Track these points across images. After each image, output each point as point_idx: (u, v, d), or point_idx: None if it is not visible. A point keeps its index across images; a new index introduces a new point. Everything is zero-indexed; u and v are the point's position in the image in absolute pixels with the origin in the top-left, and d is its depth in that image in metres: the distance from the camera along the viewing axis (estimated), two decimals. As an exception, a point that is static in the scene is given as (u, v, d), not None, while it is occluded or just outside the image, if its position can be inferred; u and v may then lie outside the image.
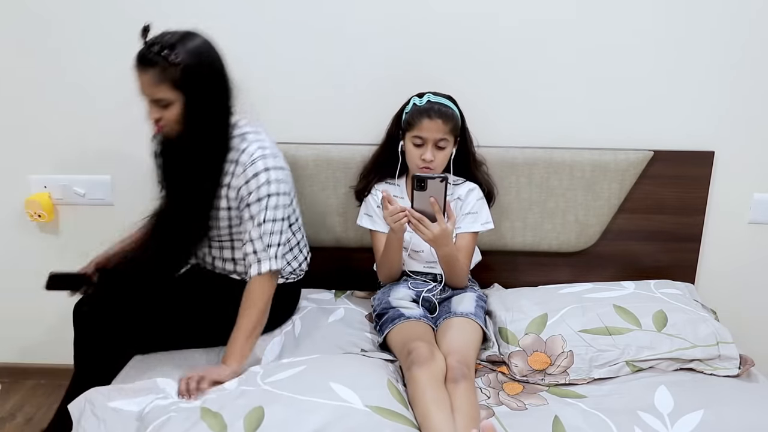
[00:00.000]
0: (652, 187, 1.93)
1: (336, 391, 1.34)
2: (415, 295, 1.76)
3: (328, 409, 1.29)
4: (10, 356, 2.25)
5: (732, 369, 1.56)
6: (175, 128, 1.52)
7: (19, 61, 1.93)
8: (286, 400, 1.31)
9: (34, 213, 2.03)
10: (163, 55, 1.45)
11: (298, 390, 1.35)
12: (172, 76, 1.45)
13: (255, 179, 1.54)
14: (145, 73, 1.47)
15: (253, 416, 1.27)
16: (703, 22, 1.83)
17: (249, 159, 1.55)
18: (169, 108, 1.49)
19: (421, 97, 1.70)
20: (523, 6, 1.83)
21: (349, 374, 1.42)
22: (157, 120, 1.51)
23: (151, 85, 1.47)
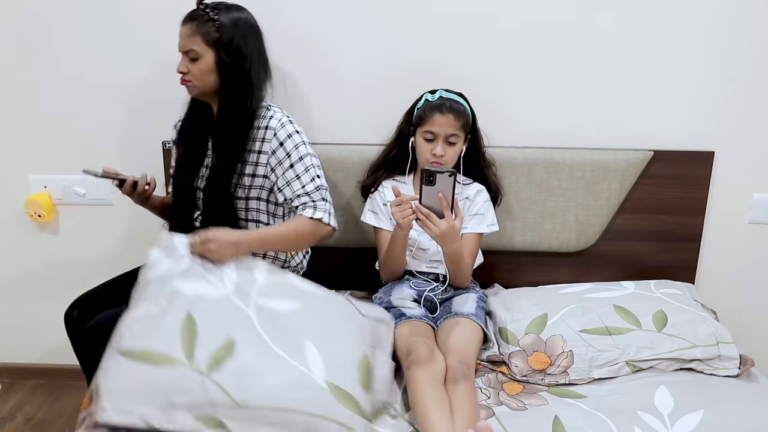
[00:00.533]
0: (652, 187, 1.93)
1: (306, 353, 1.35)
2: (416, 294, 1.76)
3: (289, 373, 1.31)
4: (10, 356, 2.25)
5: (732, 369, 1.56)
6: (198, 85, 1.60)
7: (19, 61, 1.93)
8: (258, 343, 1.34)
9: (34, 213, 2.03)
10: (205, 11, 1.57)
11: (274, 335, 1.37)
12: (207, 30, 1.56)
13: (290, 140, 1.62)
14: (185, 26, 1.57)
15: (222, 350, 1.31)
16: (703, 22, 1.83)
17: (278, 123, 1.62)
18: (197, 63, 1.57)
19: (434, 93, 1.71)
20: (523, 6, 1.83)
21: (330, 335, 1.43)
22: (183, 73, 1.59)
23: (187, 36, 1.57)
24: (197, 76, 1.59)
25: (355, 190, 1.92)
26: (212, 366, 1.28)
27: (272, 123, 1.62)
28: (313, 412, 1.27)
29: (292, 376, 1.30)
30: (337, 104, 1.93)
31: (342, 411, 1.29)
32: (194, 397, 1.25)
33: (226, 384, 1.26)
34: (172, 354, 1.29)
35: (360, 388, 1.35)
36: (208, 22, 1.56)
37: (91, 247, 2.10)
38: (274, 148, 1.62)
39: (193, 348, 1.30)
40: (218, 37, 1.57)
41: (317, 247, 1.99)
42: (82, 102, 1.96)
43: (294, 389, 1.29)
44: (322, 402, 1.29)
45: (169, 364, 1.27)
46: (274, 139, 1.61)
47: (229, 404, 1.25)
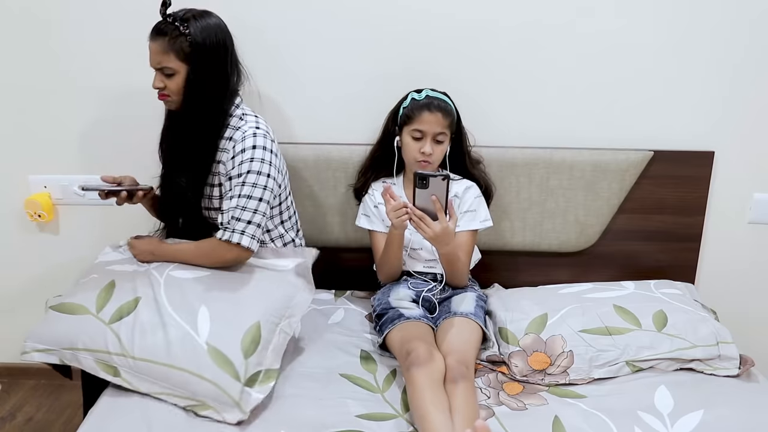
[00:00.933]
0: (652, 187, 1.93)
1: (198, 316, 1.45)
2: (415, 295, 1.76)
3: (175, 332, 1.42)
4: (10, 356, 2.25)
5: (732, 369, 1.56)
6: (176, 99, 1.58)
7: (19, 61, 1.93)
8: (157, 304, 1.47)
9: (34, 213, 2.03)
10: (174, 26, 1.52)
11: (174, 298, 1.49)
12: (179, 46, 1.53)
13: (240, 155, 1.58)
14: (155, 42, 1.54)
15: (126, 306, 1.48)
16: (704, 22, 1.83)
17: (242, 135, 1.59)
18: (173, 78, 1.55)
19: (420, 92, 1.71)
20: (523, 7, 1.83)
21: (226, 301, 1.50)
22: (160, 89, 1.57)
23: (159, 53, 1.54)
24: (175, 91, 1.57)
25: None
26: (114, 318, 1.46)
27: (237, 135, 1.60)
28: (190, 370, 1.38)
29: (176, 335, 1.42)
30: (337, 104, 1.93)
31: (218, 373, 1.37)
32: (95, 343, 1.43)
33: (122, 334, 1.43)
34: (86, 305, 1.50)
35: (240, 353, 1.41)
36: (180, 37, 1.52)
37: (91, 247, 2.10)
38: (227, 159, 1.60)
39: (106, 303, 1.49)
40: (192, 53, 1.53)
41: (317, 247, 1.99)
42: (82, 102, 1.96)
43: (175, 346, 1.40)
44: (199, 361, 1.39)
45: (81, 313, 1.48)
46: (231, 151, 1.59)
47: (121, 352, 1.41)
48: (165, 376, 1.39)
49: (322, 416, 1.39)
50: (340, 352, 1.64)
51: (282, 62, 1.90)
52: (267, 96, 1.92)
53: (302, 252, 1.72)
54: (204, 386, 1.36)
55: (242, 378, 1.38)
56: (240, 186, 1.57)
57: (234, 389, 1.36)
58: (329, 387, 1.50)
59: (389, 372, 1.58)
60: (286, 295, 1.56)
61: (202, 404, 1.37)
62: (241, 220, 1.57)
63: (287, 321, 1.52)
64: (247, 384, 1.39)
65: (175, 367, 1.38)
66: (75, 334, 1.45)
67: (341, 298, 1.94)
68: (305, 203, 1.95)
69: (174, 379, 1.38)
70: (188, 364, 1.38)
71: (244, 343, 1.42)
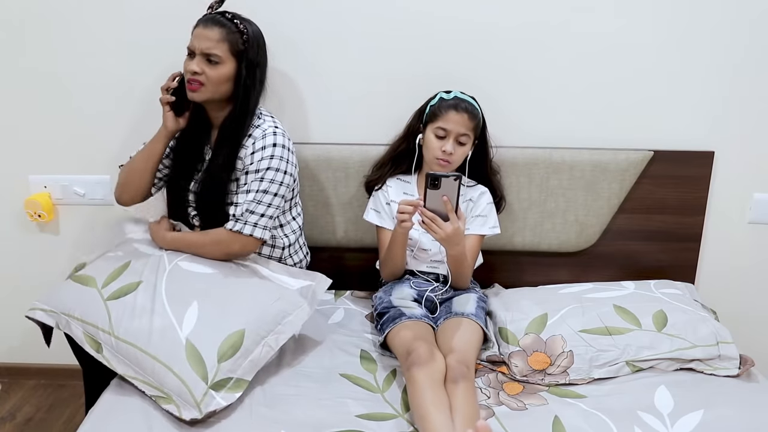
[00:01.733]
0: (652, 187, 1.93)
1: (187, 311, 1.46)
2: (417, 294, 1.76)
3: (160, 321, 1.44)
4: (10, 356, 2.25)
5: (732, 369, 1.56)
6: (209, 90, 1.60)
7: (19, 61, 1.93)
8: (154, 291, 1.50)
9: (34, 213, 2.03)
10: (234, 22, 1.60)
11: (171, 288, 1.52)
12: (235, 40, 1.59)
13: (261, 151, 1.62)
14: (210, 29, 1.58)
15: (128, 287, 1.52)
16: (704, 22, 1.83)
17: (261, 133, 1.64)
18: (217, 67, 1.59)
19: (449, 92, 1.72)
20: (524, 7, 1.83)
21: (219, 303, 1.51)
22: (197, 73, 1.58)
23: (212, 40, 1.57)
24: (213, 81, 1.59)
25: (355, 191, 1.92)
26: (113, 296, 1.50)
27: (256, 132, 1.65)
28: (163, 361, 1.39)
29: (161, 325, 1.44)
30: (337, 104, 1.93)
31: (186, 369, 1.38)
32: (88, 315, 1.48)
33: (113, 312, 1.47)
34: (96, 278, 1.55)
35: (215, 356, 1.41)
36: (236, 33, 1.60)
37: (91, 247, 2.10)
38: (246, 155, 1.64)
39: (113, 281, 1.54)
40: (244, 50, 1.61)
41: (317, 247, 2.00)
42: (82, 102, 1.96)
43: (156, 335, 1.43)
44: (174, 355, 1.40)
45: (89, 285, 1.54)
46: (251, 147, 1.64)
47: (108, 330, 1.45)
48: (139, 361, 1.41)
49: (322, 416, 1.39)
50: (340, 352, 1.64)
51: (282, 62, 1.89)
52: (267, 96, 1.91)
53: (314, 276, 1.71)
54: (171, 379, 1.38)
55: (209, 380, 1.38)
56: (258, 181, 1.62)
57: (198, 389, 1.36)
58: (329, 387, 1.50)
59: (389, 372, 1.58)
60: (281, 311, 1.54)
61: (166, 397, 1.37)
62: (255, 213, 1.62)
63: (275, 336, 1.51)
64: (214, 387, 1.38)
65: (150, 355, 1.41)
66: (76, 303, 1.51)
67: (341, 298, 1.94)
68: (305, 203, 1.95)
69: (147, 366, 1.40)
70: (163, 355, 1.40)
71: (222, 347, 1.42)
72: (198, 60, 1.59)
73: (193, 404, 1.35)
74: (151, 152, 1.70)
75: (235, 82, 1.62)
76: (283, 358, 1.61)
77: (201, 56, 1.59)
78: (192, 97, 1.62)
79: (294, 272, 1.71)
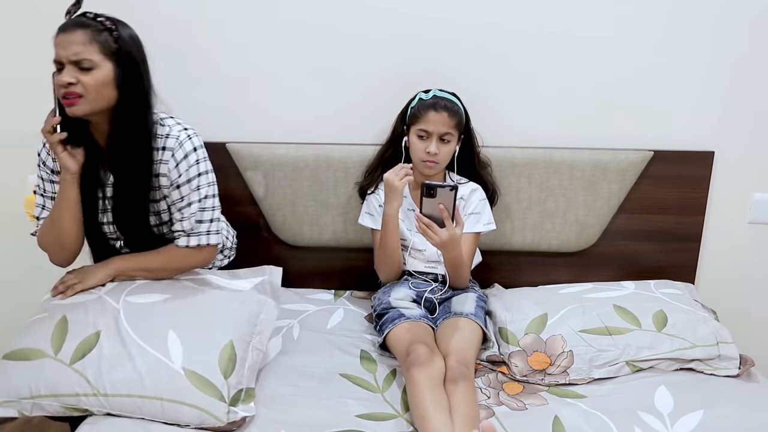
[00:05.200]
0: (652, 187, 1.93)
1: (168, 342, 1.39)
2: (416, 295, 1.76)
3: (146, 361, 1.36)
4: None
5: (732, 369, 1.56)
6: (90, 99, 1.41)
7: (19, 61, 1.93)
8: (120, 335, 1.40)
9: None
10: (98, 21, 1.42)
11: (138, 326, 1.42)
12: (104, 40, 1.41)
13: (185, 160, 1.52)
14: (72, 33, 1.40)
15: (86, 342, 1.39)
16: (704, 22, 1.83)
17: (176, 142, 1.51)
18: (91, 73, 1.40)
19: (427, 92, 1.71)
20: (524, 8, 1.83)
21: (194, 324, 1.46)
22: (71, 83, 1.39)
23: (78, 44, 1.38)
24: (92, 89, 1.40)
25: (354, 191, 1.92)
26: (75, 357, 1.37)
27: (169, 143, 1.51)
28: (170, 398, 1.33)
29: (148, 365, 1.36)
30: (337, 104, 1.93)
31: (200, 396, 1.34)
32: (60, 387, 1.34)
33: (89, 373, 1.35)
34: (42, 348, 1.39)
35: (220, 374, 1.38)
36: (104, 32, 1.41)
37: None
38: (170, 169, 1.52)
39: (63, 343, 1.39)
40: (117, 49, 1.42)
41: (317, 247, 2.00)
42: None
43: (148, 376, 1.34)
44: (179, 388, 1.34)
45: (38, 358, 1.38)
46: (171, 160, 1.51)
47: (89, 392, 1.33)
48: (141, 408, 1.33)
49: (322, 416, 1.39)
50: (340, 352, 1.64)
51: (282, 61, 1.89)
52: (267, 96, 1.92)
53: (262, 271, 1.69)
54: (187, 412, 1.33)
55: (227, 398, 1.36)
56: (196, 191, 1.53)
57: (220, 411, 1.34)
58: (329, 387, 1.50)
59: (389, 372, 1.58)
60: (252, 312, 1.54)
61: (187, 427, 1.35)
62: (204, 221, 1.56)
63: (258, 338, 1.50)
64: (232, 404, 1.36)
65: (152, 398, 1.33)
66: (34, 381, 1.35)
67: (341, 298, 1.94)
68: (305, 203, 1.95)
69: (152, 410, 1.33)
70: (166, 393, 1.33)
71: (222, 364, 1.39)
72: (69, 70, 1.39)
73: (222, 424, 1.35)
74: (69, 202, 1.51)
75: (118, 86, 1.43)
76: (283, 358, 1.61)
77: (71, 65, 1.39)
78: (72, 113, 1.41)
79: (240, 274, 1.67)
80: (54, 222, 1.54)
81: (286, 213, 1.96)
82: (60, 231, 1.54)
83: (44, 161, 1.56)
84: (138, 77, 1.46)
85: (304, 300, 1.91)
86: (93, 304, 1.48)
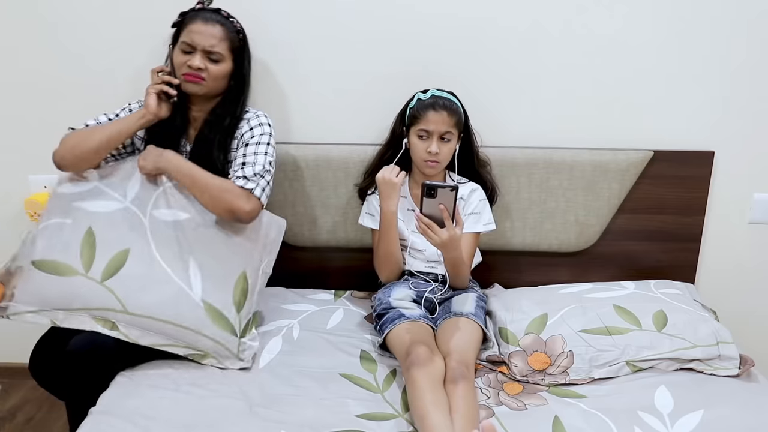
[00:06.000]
0: (652, 187, 1.93)
1: (189, 270, 1.51)
2: (416, 295, 1.76)
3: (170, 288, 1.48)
4: (10, 356, 2.25)
5: (732, 369, 1.56)
6: (209, 85, 1.63)
7: (19, 61, 1.93)
8: (148, 254, 1.50)
9: (34, 213, 2.03)
10: (231, 21, 1.66)
11: (162, 247, 1.52)
12: (234, 38, 1.65)
13: (260, 127, 1.68)
14: (213, 26, 1.61)
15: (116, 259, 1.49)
16: (704, 22, 1.83)
17: (254, 114, 1.71)
18: (218, 64, 1.63)
19: (425, 92, 1.72)
20: (524, 7, 1.83)
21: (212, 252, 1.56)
22: (201, 69, 1.60)
23: (216, 37, 1.61)
24: (214, 77, 1.63)
25: (354, 191, 1.92)
26: (106, 275, 1.48)
27: (247, 115, 1.71)
28: (190, 327, 1.47)
29: (172, 292, 1.48)
30: (337, 104, 1.93)
31: (214, 329, 1.49)
32: (90, 302, 1.46)
33: (118, 291, 1.46)
34: (73, 265, 1.49)
35: (233, 307, 1.53)
36: (234, 32, 1.65)
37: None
38: (243, 132, 1.68)
39: (93, 260, 1.49)
40: (240, 48, 1.67)
41: (317, 247, 2.00)
42: (82, 102, 1.96)
43: (173, 305, 1.47)
44: (197, 318, 1.48)
45: (71, 275, 1.48)
46: (245, 125, 1.68)
47: (119, 308, 1.46)
48: (164, 330, 1.47)
49: (322, 416, 1.39)
50: (340, 352, 1.64)
51: (283, 61, 1.90)
52: (267, 96, 1.92)
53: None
54: (204, 341, 1.49)
55: (238, 332, 1.52)
56: (263, 155, 1.64)
57: (233, 344, 1.51)
58: (329, 387, 1.50)
59: (389, 372, 1.58)
60: (263, 234, 1.65)
61: (204, 354, 1.51)
62: (264, 178, 1.63)
63: (267, 260, 1.64)
64: (242, 335, 1.53)
65: (175, 324, 1.47)
66: (70, 297, 1.47)
67: (341, 298, 1.94)
68: (305, 203, 1.95)
69: (173, 334, 1.48)
70: (187, 321, 1.47)
71: (236, 297, 1.54)
72: (200, 56, 1.61)
73: (233, 356, 1.52)
74: (119, 130, 1.60)
75: (232, 79, 1.67)
76: (283, 358, 1.61)
77: (203, 53, 1.61)
78: (192, 90, 1.63)
79: None
80: (91, 134, 1.61)
81: (286, 213, 1.95)
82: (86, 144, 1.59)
83: (130, 109, 1.70)
84: (246, 74, 1.70)
85: (304, 300, 1.90)
86: (119, 216, 1.55)
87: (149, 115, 1.60)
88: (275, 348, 1.64)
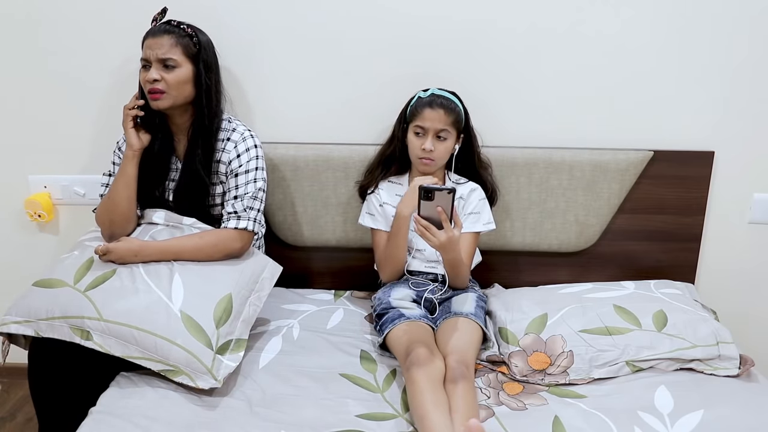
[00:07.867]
0: (652, 187, 1.93)
1: (173, 284, 1.52)
2: (415, 295, 1.76)
3: (149, 297, 1.48)
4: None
5: (732, 369, 1.56)
6: (172, 95, 1.63)
7: (19, 61, 1.93)
8: (133, 273, 1.54)
9: (34, 213, 2.03)
10: (181, 28, 1.65)
11: (148, 268, 1.56)
12: (187, 43, 1.64)
13: (247, 153, 1.70)
14: (159, 37, 1.62)
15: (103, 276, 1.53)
16: (704, 22, 1.83)
17: (240, 136, 1.71)
18: (174, 71, 1.62)
19: (426, 91, 1.72)
20: (523, 8, 1.83)
21: (200, 272, 1.57)
22: (156, 80, 1.61)
23: (164, 46, 1.61)
24: (174, 85, 1.62)
25: (355, 191, 1.92)
26: (90, 286, 1.51)
27: (234, 136, 1.71)
28: (164, 336, 1.43)
29: (150, 300, 1.48)
30: (337, 104, 1.93)
31: (190, 340, 1.44)
32: (70, 310, 1.47)
33: (96, 298, 1.48)
34: (64, 279, 1.54)
35: (212, 322, 1.49)
36: (186, 38, 1.64)
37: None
38: (231, 159, 1.69)
39: (84, 276, 1.54)
40: (197, 52, 1.65)
41: (317, 247, 2.00)
42: (83, 102, 1.96)
43: (150, 312, 1.46)
44: (173, 328, 1.45)
45: (59, 286, 1.53)
46: (233, 151, 1.69)
47: (94, 316, 1.45)
48: (137, 339, 1.43)
49: (322, 416, 1.39)
50: (340, 352, 1.64)
51: (283, 61, 1.90)
52: (267, 96, 1.92)
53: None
54: (177, 352, 1.43)
55: (214, 346, 1.46)
56: (253, 182, 1.70)
57: (206, 357, 1.44)
58: (329, 387, 1.50)
59: (389, 372, 1.58)
60: (254, 271, 1.66)
61: (176, 370, 1.43)
62: (253, 209, 1.69)
63: (257, 295, 1.63)
64: (219, 352, 1.47)
65: (148, 332, 1.43)
66: (52, 305, 1.49)
67: (341, 298, 1.94)
68: (305, 203, 1.95)
69: (146, 343, 1.43)
70: (161, 330, 1.44)
71: (216, 313, 1.50)
72: (155, 68, 1.62)
73: (206, 371, 1.43)
74: (127, 177, 1.68)
75: (195, 84, 1.66)
76: (283, 358, 1.61)
77: (157, 63, 1.62)
78: (156, 106, 1.64)
79: None
80: (110, 196, 1.70)
81: (286, 213, 1.96)
82: (113, 205, 1.69)
83: (120, 147, 1.77)
84: (211, 76, 1.68)
85: (304, 300, 1.91)
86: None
87: (132, 152, 1.68)
88: (275, 348, 1.65)
